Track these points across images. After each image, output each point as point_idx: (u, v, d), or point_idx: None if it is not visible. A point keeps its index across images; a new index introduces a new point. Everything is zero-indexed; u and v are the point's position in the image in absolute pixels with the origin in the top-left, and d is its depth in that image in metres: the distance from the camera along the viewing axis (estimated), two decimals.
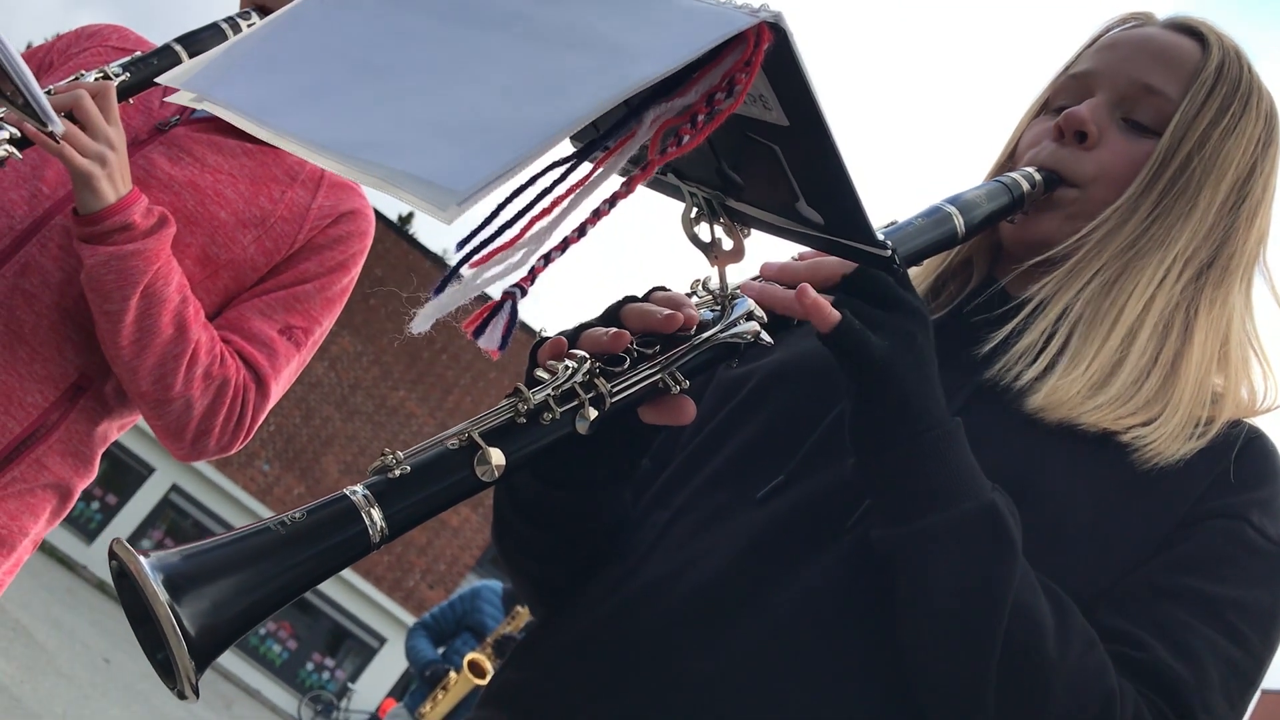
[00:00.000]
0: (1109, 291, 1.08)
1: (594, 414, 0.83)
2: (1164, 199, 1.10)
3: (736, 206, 0.84)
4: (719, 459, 1.10)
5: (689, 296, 0.94)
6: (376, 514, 0.76)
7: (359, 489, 0.77)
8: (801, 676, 0.96)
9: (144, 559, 0.69)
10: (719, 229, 0.86)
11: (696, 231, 0.87)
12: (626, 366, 0.87)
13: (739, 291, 0.93)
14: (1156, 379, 1.06)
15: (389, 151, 0.64)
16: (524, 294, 0.66)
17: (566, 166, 0.67)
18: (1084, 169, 1.13)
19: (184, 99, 0.79)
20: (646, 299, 0.93)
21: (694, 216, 0.87)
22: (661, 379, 0.88)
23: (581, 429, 0.83)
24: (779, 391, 1.12)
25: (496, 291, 0.65)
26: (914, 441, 0.91)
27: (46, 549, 16.86)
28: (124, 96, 1.59)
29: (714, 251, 0.87)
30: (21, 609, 10.69)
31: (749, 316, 0.92)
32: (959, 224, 1.05)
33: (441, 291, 0.66)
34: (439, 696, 5.62)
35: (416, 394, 21.36)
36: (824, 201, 0.78)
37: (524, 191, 0.65)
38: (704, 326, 0.90)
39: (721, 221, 0.86)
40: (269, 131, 0.72)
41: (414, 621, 6.73)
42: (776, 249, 0.91)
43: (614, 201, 0.67)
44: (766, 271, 0.98)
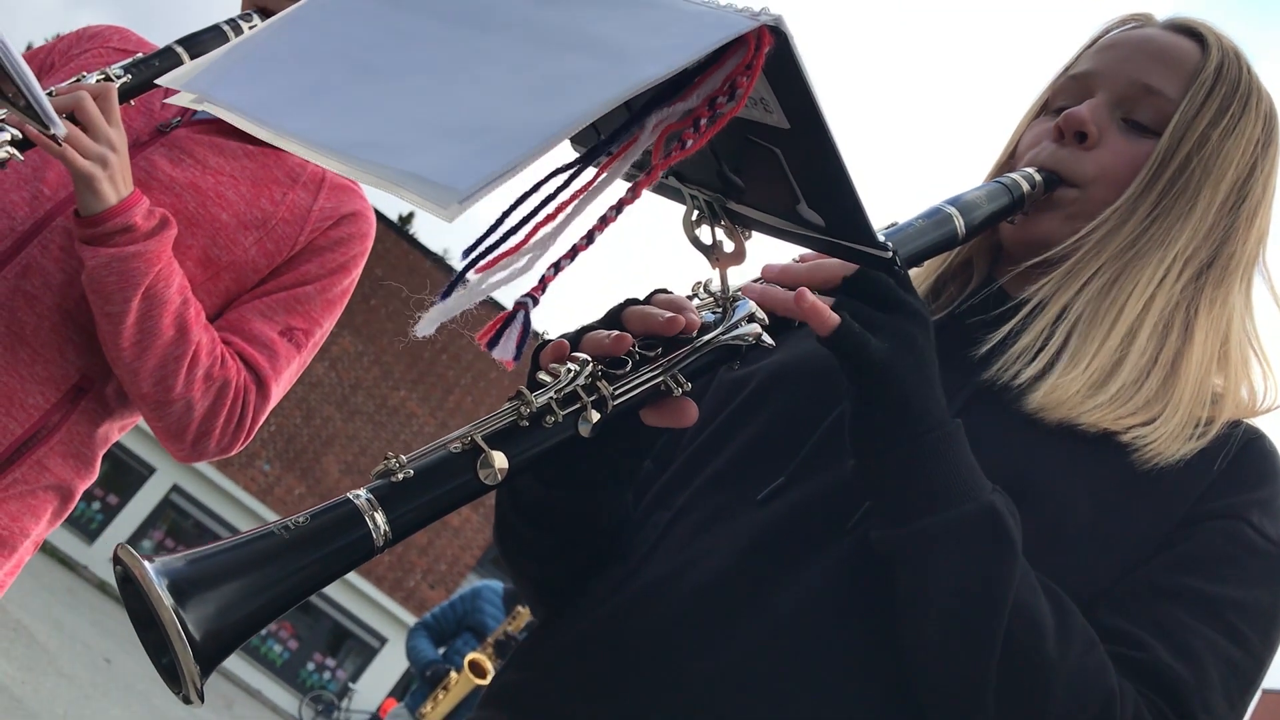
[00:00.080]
0: (1109, 291, 1.08)
1: (596, 417, 0.83)
2: (1164, 199, 1.10)
3: (737, 209, 0.84)
4: (720, 460, 1.10)
5: (690, 299, 0.94)
6: (380, 518, 0.76)
7: (362, 493, 0.77)
8: (802, 677, 0.96)
9: (149, 564, 0.69)
10: (720, 231, 0.86)
11: (698, 234, 0.87)
12: (629, 369, 0.87)
13: (740, 294, 0.93)
14: (1156, 379, 1.06)
15: (390, 151, 0.64)
16: (536, 303, 0.66)
17: (570, 172, 0.67)
18: (1084, 169, 1.13)
19: (185, 100, 0.79)
20: (648, 301, 0.93)
21: (695, 219, 0.87)
22: (663, 381, 0.88)
23: (584, 432, 0.83)
24: (780, 393, 1.12)
25: (503, 298, 0.65)
26: (914, 443, 0.91)
27: (47, 549, 16.85)
28: (125, 98, 1.60)
29: (715, 254, 0.87)
30: (22, 609, 10.69)
31: (750, 318, 0.92)
32: (959, 225, 1.06)
33: (447, 296, 0.66)
34: (440, 696, 5.62)
35: (417, 394, 21.34)
36: (825, 203, 0.78)
37: (529, 197, 0.65)
38: (705, 329, 0.90)
39: (723, 224, 0.86)
40: (270, 132, 0.72)
41: (415, 621, 6.73)
42: (778, 251, 0.91)
43: (620, 208, 0.67)
44: (767, 273, 0.98)
